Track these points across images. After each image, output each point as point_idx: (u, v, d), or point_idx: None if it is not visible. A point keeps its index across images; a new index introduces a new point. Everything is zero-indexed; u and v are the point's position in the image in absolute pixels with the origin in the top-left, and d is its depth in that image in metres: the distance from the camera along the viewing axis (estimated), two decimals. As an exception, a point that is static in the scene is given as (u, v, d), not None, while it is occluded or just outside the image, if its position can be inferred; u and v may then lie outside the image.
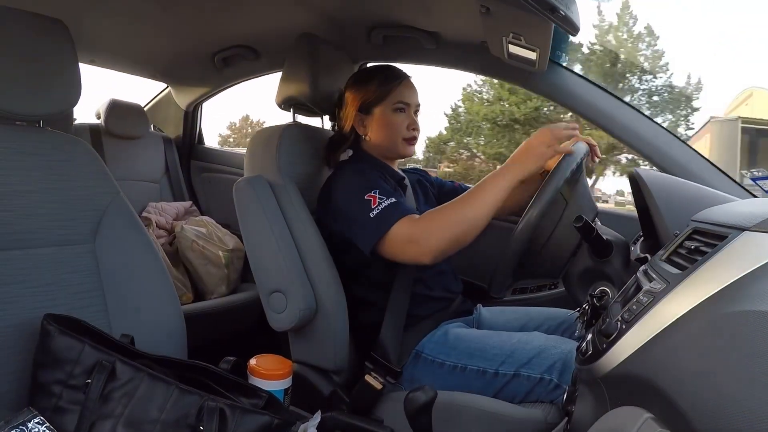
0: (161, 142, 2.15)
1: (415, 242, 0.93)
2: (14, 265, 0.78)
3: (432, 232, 0.92)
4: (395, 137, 1.13)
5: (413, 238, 0.93)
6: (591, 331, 0.64)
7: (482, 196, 0.93)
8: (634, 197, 0.98)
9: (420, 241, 0.92)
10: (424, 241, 0.92)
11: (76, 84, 0.86)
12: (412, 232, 0.94)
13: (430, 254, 0.93)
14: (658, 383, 0.42)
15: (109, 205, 0.89)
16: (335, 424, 0.81)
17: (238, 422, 0.71)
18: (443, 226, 0.92)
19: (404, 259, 0.99)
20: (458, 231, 0.92)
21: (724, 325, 0.41)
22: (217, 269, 1.71)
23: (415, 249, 0.93)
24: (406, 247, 0.94)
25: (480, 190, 0.94)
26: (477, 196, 0.93)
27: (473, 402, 0.95)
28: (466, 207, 0.93)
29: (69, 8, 1.34)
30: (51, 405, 0.70)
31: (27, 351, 0.74)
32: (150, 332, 0.87)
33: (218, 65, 1.81)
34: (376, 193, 0.99)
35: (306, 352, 1.09)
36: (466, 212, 0.92)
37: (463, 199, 0.94)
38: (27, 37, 0.81)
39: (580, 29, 0.93)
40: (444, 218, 0.93)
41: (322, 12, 1.36)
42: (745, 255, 0.46)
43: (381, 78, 1.13)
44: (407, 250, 0.95)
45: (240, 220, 1.10)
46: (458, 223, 0.91)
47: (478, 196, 0.93)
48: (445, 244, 0.92)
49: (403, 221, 0.95)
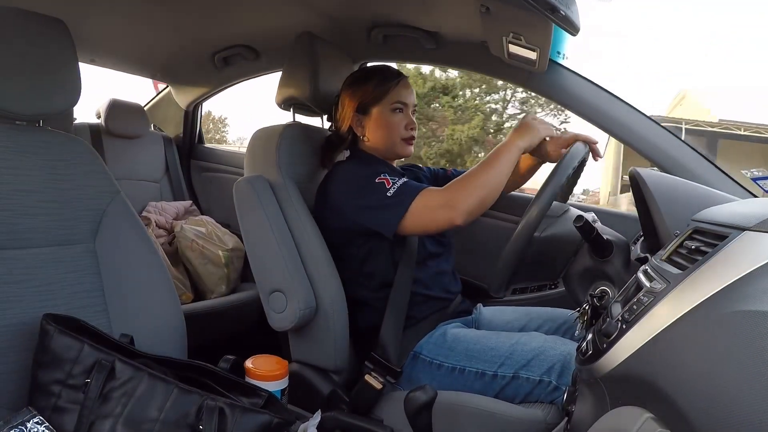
0: (161, 141, 2.15)
1: (449, 206, 0.97)
2: (14, 265, 0.78)
3: (462, 194, 0.97)
4: (394, 137, 1.13)
5: (447, 202, 0.97)
6: (591, 331, 0.64)
7: (497, 163, 1.00)
8: (634, 197, 0.97)
9: (452, 203, 0.97)
10: (456, 203, 0.97)
11: (76, 83, 0.86)
12: (443, 197, 0.98)
13: (464, 214, 0.96)
14: (659, 383, 0.42)
15: (109, 204, 0.88)
16: (335, 424, 0.81)
17: (238, 421, 0.71)
18: (471, 189, 0.97)
19: (434, 227, 1.01)
20: (484, 193, 0.98)
21: (725, 324, 0.41)
22: (217, 269, 1.71)
23: (447, 212, 0.97)
24: (437, 213, 0.98)
25: (494, 158, 1.00)
26: (493, 163, 1.00)
27: (473, 402, 0.95)
28: (488, 172, 0.99)
29: (69, 8, 1.34)
30: (50, 404, 0.70)
31: (26, 350, 0.74)
32: (150, 332, 0.87)
33: (218, 65, 1.81)
34: (385, 175, 1.02)
35: (306, 352, 1.09)
36: (489, 176, 0.99)
37: (482, 166, 1.00)
38: (27, 36, 0.81)
39: (580, 29, 0.93)
40: (470, 182, 0.98)
41: (322, 11, 1.36)
42: (745, 255, 0.46)
43: (378, 78, 1.13)
44: (439, 215, 0.98)
45: (240, 220, 1.09)
46: (483, 186, 0.98)
47: (494, 163, 1.00)
48: (475, 205, 0.97)
49: (424, 193, 0.99)
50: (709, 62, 21.52)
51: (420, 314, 1.09)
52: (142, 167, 2.05)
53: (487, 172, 0.99)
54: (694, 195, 0.90)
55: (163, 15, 1.50)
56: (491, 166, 1.00)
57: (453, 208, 0.96)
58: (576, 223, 0.90)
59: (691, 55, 22.47)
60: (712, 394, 0.37)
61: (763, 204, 0.62)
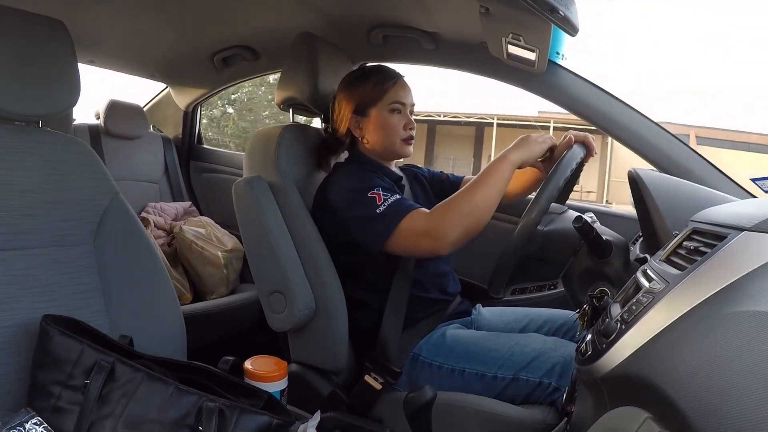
0: (160, 142, 2.15)
1: (431, 236, 0.94)
2: (13, 265, 0.78)
3: (447, 223, 0.93)
4: (394, 138, 1.12)
5: (429, 231, 0.94)
6: (590, 332, 0.64)
7: (489, 183, 0.95)
8: (634, 197, 0.98)
9: (436, 233, 0.93)
10: (440, 234, 0.93)
11: (75, 84, 0.86)
12: (428, 225, 0.94)
13: (449, 246, 0.94)
14: (658, 383, 0.42)
15: (108, 205, 0.88)
16: (335, 425, 0.81)
17: (238, 422, 0.71)
18: (457, 217, 0.93)
19: (419, 253, 0.99)
20: (472, 220, 0.93)
21: (724, 325, 0.41)
22: (216, 270, 1.71)
23: (431, 242, 0.94)
24: (421, 240, 0.95)
25: (486, 177, 0.96)
26: (484, 183, 0.95)
27: (472, 402, 0.95)
28: (477, 195, 0.94)
29: (69, 9, 1.34)
30: (50, 405, 0.70)
31: (26, 351, 0.74)
32: (149, 333, 0.87)
33: (218, 65, 1.81)
34: (378, 190, 1.00)
35: (305, 353, 1.09)
36: (478, 199, 0.94)
37: (471, 187, 0.96)
38: (26, 37, 0.81)
39: (579, 29, 0.93)
40: (457, 209, 0.94)
41: (321, 12, 1.36)
42: (744, 255, 0.46)
43: (376, 79, 1.12)
44: (422, 243, 0.95)
45: (239, 221, 1.09)
46: (471, 212, 0.93)
47: (485, 183, 0.95)
48: (460, 234, 0.93)
49: (413, 215, 0.96)
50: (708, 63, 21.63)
51: (419, 315, 1.09)
52: (141, 168, 2.05)
53: (476, 195, 0.94)
54: (693, 195, 0.90)
55: (162, 16, 1.50)
56: (482, 184, 0.95)
57: (437, 239, 0.93)
58: (575, 223, 0.90)
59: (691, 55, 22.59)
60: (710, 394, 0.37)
61: (761, 204, 0.62)
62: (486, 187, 0.95)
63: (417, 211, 0.97)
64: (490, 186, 0.95)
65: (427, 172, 1.32)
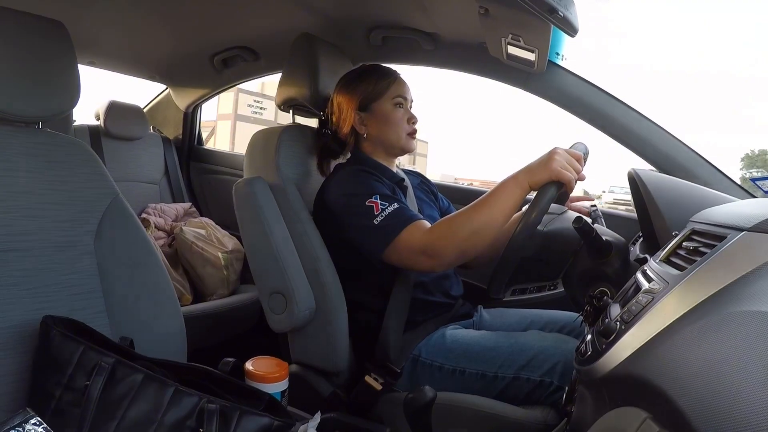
0: (160, 143, 2.15)
1: (428, 255, 0.91)
2: (13, 267, 0.77)
3: (445, 245, 0.90)
4: (399, 132, 1.12)
5: (426, 250, 0.92)
6: (590, 332, 0.64)
7: (495, 204, 0.89)
8: (633, 198, 0.98)
9: (433, 252, 0.91)
10: (437, 253, 0.91)
11: (75, 85, 0.86)
12: (426, 244, 0.92)
13: (444, 266, 0.93)
14: (658, 383, 0.42)
15: (108, 206, 0.88)
16: (335, 425, 0.81)
17: (239, 423, 0.71)
18: (456, 240, 0.89)
19: (415, 268, 0.99)
20: (472, 242, 0.89)
21: (724, 325, 0.41)
22: (217, 271, 1.71)
23: (427, 261, 0.92)
24: (418, 257, 0.93)
25: (493, 198, 0.90)
26: (490, 204, 0.90)
27: (472, 402, 0.95)
28: (480, 216, 0.89)
29: (69, 10, 1.34)
30: (50, 407, 0.70)
31: (26, 353, 0.74)
32: (150, 334, 0.87)
33: (218, 66, 1.81)
34: (377, 199, 0.98)
35: (305, 353, 1.09)
36: (480, 221, 0.89)
37: (476, 207, 0.91)
38: (26, 38, 0.81)
39: (578, 30, 0.93)
40: (458, 229, 0.90)
41: (321, 12, 1.36)
42: (743, 255, 0.46)
43: (376, 75, 1.13)
44: (420, 261, 0.93)
45: (239, 222, 1.09)
46: (469, 238, 0.89)
47: (491, 204, 0.90)
48: (458, 256, 0.91)
49: (410, 229, 0.94)
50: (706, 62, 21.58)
51: (420, 318, 1.09)
52: (142, 169, 2.05)
53: (478, 218, 0.89)
54: (693, 196, 0.90)
55: (162, 17, 1.50)
56: (488, 206, 0.89)
57: (433, 258, 0.91)
58: (575, 224, 0.90)
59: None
60: (711, 395, 0.37)
61: (761, 205, 0.62)
62: (491, 210, 0.89)
63: (415, 225, 0.95)
64: (496, 210, 0.89)
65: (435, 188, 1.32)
